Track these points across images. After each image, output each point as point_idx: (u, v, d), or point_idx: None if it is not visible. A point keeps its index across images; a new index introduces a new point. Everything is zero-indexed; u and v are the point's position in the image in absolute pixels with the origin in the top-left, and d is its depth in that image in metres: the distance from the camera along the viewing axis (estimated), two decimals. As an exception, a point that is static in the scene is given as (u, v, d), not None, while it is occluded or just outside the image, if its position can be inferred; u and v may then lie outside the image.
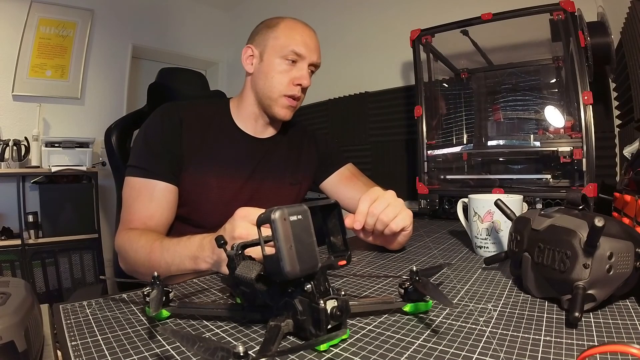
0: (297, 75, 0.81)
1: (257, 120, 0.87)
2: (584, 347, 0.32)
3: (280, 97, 0.81)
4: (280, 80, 0.80)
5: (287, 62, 0.80)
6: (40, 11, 2.30)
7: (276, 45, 0.80)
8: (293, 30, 0.81)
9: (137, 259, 0.66)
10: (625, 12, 1.03)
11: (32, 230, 2.11)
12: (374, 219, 0.63)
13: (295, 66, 0.81)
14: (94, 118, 2.48)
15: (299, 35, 0.81)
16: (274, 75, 0.81)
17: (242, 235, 0.51)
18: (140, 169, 0.75)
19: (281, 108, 0.83)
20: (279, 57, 0.80)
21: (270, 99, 0.82)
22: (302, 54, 0.80)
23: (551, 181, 1.06)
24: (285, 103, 0.82)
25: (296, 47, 0.79)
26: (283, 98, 0.81)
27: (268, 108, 0.84)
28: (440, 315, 0.40)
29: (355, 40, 2.15)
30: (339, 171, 0.98)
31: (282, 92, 0.81)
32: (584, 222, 0.41)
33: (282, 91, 0.81)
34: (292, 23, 0.83)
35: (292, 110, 0.84)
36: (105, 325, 0.39)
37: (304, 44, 0.80)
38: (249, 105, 0.86)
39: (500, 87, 1.27)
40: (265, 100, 0.83)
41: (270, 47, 0.81)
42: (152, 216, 0.74)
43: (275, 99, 0.82)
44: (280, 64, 0.80)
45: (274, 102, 0.82)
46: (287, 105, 0.82)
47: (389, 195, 0.65)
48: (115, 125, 1.05)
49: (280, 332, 0.33)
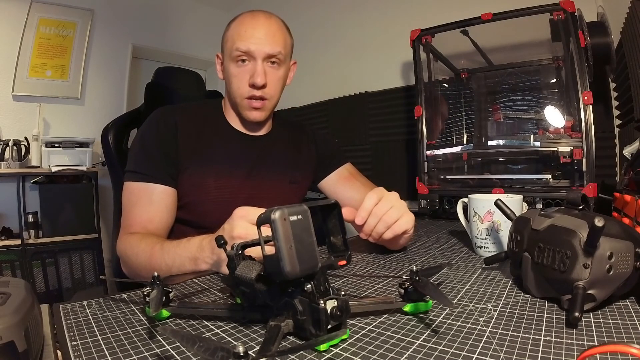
0: (250, 74, 0.77)
1: (244, 121, 0.87)
2: (584, 347, 0.32)
3: (242, 101, 0.80)
4: (238, 85, 0.78)
5: (239, 62, 0.77)
6: (40, 11, 2.30)
7: (227, 48, 0.78)
8: (239, 26, 0.77)
9: (138, 263, 0.66)
10: (625, 12, 1.03)
11: (32, 230, 2.11)
12: (377, 219, 0.62)
13: (248, 65, 0.77)
14: (93, 118, 2.47)
15: (243, 30, 0.76)
16: (232, 80, 0.79)
17: (241, 235, 0.51)
18: (138, 173, 0.75)
19: (247, 111, 0.81)
20: (231, 60, 0.77)
21: (236, 104, 0.82)
22: (249, 49, 0.75)
23: (551, 181, 1.06)
24: (248, 105, 0.80)
25: (241, 44, 0.75)
26: (245, 101, 0.80)
27: (240, 114, 0.83)
28: (440, 315, 0.40)
29: (355, 40, 2.15)
30: (338, 171, 0.98)
31: (243, 95, 0.79)
32: (584, 222, 0.41)
33: (242, 95, 0.79)
34: (240, 19, 0.78)
35: (261, 110, 0.81)
36: (105, 325, 0.39)
37: (249, 38, 0.75)
38: (230, 108, 0.86)
39: (500, 87, 1.27)
40: (234, 106, 0.83)
41: (225, 52, 0.80)
42: (151, 220, 0.74)
43: (239, 103, 0.81)
44: (233, 67, 0.78)
45: (240, 106, 0.81)
46: (251, 107, 0.80)
47: (393, 197, 0.64)
48: (112, 124, 1.06)
49: (280, 332, 0.33)
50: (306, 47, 2.17)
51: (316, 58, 2.27)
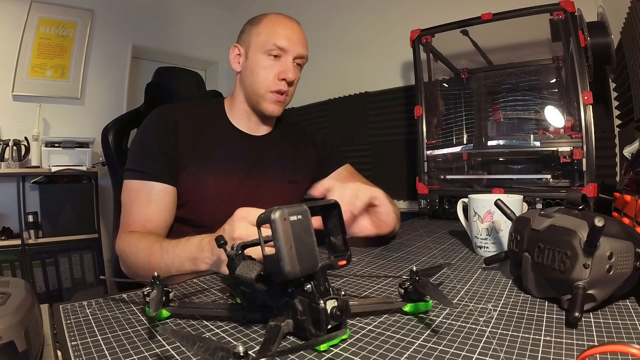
0: (281, 69, 0.80)
1: (250, 118, 0.87)
2: (584, 347, 0.32)
3: (267, 93, 0.81)
4: (266, 76, 0.80)
5: (270, 57, 0.80)
6: (40, 11, 2.30)
7: (259, 41, 0.80)
8: (275, 24, 0.81)
9: (137, 263, 0.66)
10: (625, 12, 1.03)
11: (32, 230, 2.11)
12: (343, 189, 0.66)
13: (280, 60, 0.80)
14: (93, 118, 2.47)
15: (281, 29, 0.80)
16: (259, 71, 0.80)
17: (241, 235, 0.51)
18: (137, 171, 0.75)
19: (269, 104, 0.82)
20: (262, 53, 0.80)
21: (257, 95, 0.82)
22: (285, 47, 0.79)
23: (551, 181, 1.06)
24: (272, 98, 0.82)
25: (278, 40, 0.79)
26: (269, 94, 0.81)
27: (256, 105, 0.84)
28: (440, 315, 0.40)
29: (355, 40, 2.15)
30: (337, 171, 0.98)
31: (268, 87, 0.81)
32: (584, 222, 0.41)
33: (268, 87, 0.81)
34: (274, 17, 0.82)
35: (281, 105, 0.84)
36: (105, 325, 0.39)
37: (286, 37, 0.80)
38: (240, 104, 0.86)
39: (500, 87, 1.27)
40: (253, 97, 0.83)
41: (253, 44, 0.81)
42: (150, 218, 0.74)
43: (262, 95, 0.82)
44: (264, 60, 0.80)
45: (261, 98, 0.82)
46: (275, 100, 0.82)
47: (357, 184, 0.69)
48: (112, 124, 1.06)
49: (280, 332, 0.33)
50: (306, 47, 2.17)
51: (316, 58, 2.25)
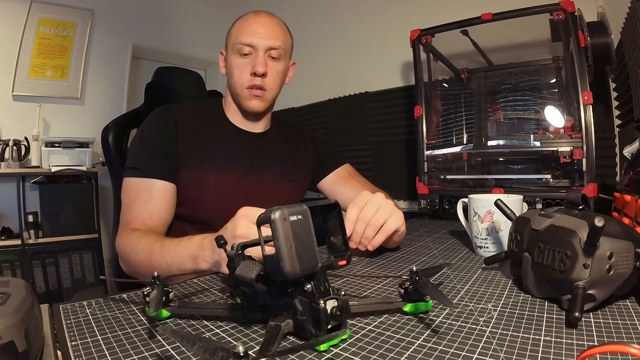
0: (252, 65, 0.81)
1: (244, 116, 0.89)
2: (584, 347, 0.32)
3: (242, 91, 0.83)
4: (240, 75, 0.82)
5: (241, 55, 0.81)
6: (40, 11, 2.30)
7: (230, 43, 0.83)
8: (243, 23, 0.82)
9: (137, 261, 0.66)
10: (625, 12, 1.03)
11: (32, 230, 2.11)
12: (364, 225, 0.62)
13: (250, 57, 0.81)
14: (94, 118, 2.47)
15: (247, 25, 0.81)
16: (233, 71, 0.82)
17: (243, 234, 0.51)
18: (137, 169, 0.76)
19: (248, 100, 0.83)
20: (234, 53, 0.82)
21: (237, 95, 0.84)
22: (251, 43, 0.80)
23: (551, 181, 1.06)
24: (248, 94, 0.83)
25: (243, 38, 0.80)
26: (245, 90, 0.83)
27: (239, 104, 0.86)
28: (440, 315, 0.40)
29: (355, 40, 2.15)
30: (337, 171, 0.99)
31: (243, 85, 0.82)
32: (584, 222, 0.41)
33: (242, 84, 0.82)
34: (245, 16, 0.83)
35: (261, 100, 0.84)
36: (105, 325, 0.39)
37: (252, 33, 0.80)
38: (231, 104, 0.88)
39: (500, 87, 1.27)
40: (235, 98, 0.85)
41: (228, 46, 0.84)
42: (151, 216, 0.74)
43: (239, 94, 0.83)
44: (236, 59, 0.82)
45: (240, 96, 0.84)
46: (252, 95, 0.83)
47: (378, 199, 0.64)
48: (112, 124, 1.06)
49: (280, 332, 0.33)
50: (306, 47, 2.17)
51: (316, 58, 2.27)
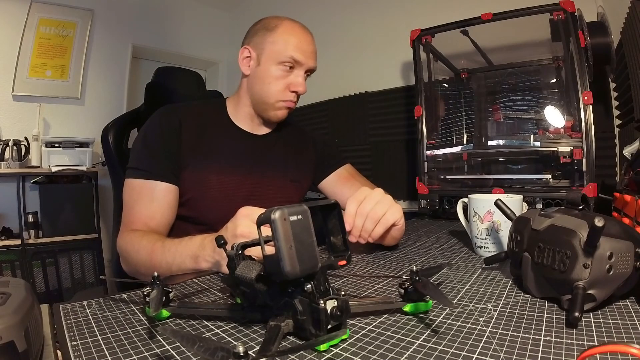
0: (293, 82, 0.80)
1: (253, 120, 0.88)
2: (584, 347, 0.32)
3: (277, 102, 0.82)
4: (277, 87, 0.80)
5: (283, 67, 0.79)
6: (40, 11, 2.30)
7: (273, 50, 0.79)
8: (291, 35, 0.79)
9: (138, 260, 0.66)
10: (625, 12, 1.03)
11: (32, 230, 2.11)
12: (363, 218, 0.63)
13: (292, 72, 0.80)
14: (94, 118, 2.47)
15: (297, 40, 0.79)
16: (270, 81, 0.80)
17: (244, 233, 0.51)
18: (140, 170, 0.76)
19: (277, 110, 0.83)
20: (276, 63, 0.79)
21: (266, 104, 0.83)
22: (300, 60, 0.79)
23: (551, 181, 1.06)
24: (281, 106, 0.83)
25: (294, 53, 0.78)
26: (280, 102, 0.82)
27: (263, 112, 0.84)
28: (440, 315, 0.40)
29: (355, 40, 2.15)
30: (337, 171, 0.99)
31: (279, 98, 0.81)
32: (584, 222, 0.41)
33: (278, 97, 0.81)
34: (290, 27, 0.81)
35: (288, 111, 0.85)
36: (105, 325, 0.39)
37: (302, 50, 0.79)
38: (245, 106, 0.86)
39: (500, 87, 1.27)
40: (260, 104, 0.84)
41: (267, 52, 0.80)
42: (153, 217, 0.74)
43: (271, 104, 0.82)
44: (277, 70, 0.79)
45: (270, 106, 0.83)
46: (284, 107, 0.83)
47: (377, 193, 0.65)
48: (112, 124, 1.06)
49: (280, 332, 0.33)
50: (306, 47, 2.17)
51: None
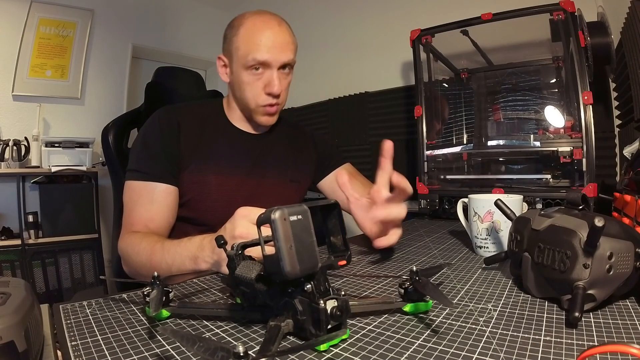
0: (266, 84, 0.77)
1: (248, 120, 0.88)
2: (584, 347, 0.32)
3: (257, 107, 0.81)
4: (252, 92, 0.78)
5: (253, 71, 0.76)
6: (40, 11, 2.30)
7: (239, 55, 0.76)
8: (253, 34, 0.75)
9: (139, 262, 0.66)
10: (625, 12, 1.03)
11: (32, 230, 2.11)
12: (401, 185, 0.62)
13: (264, 73, 0.77)
14: (94, 118, 2.47)
15: (258, 38, 0.74)
16: (244, 88, 0.79)
17: (242, 234, 0.51)
18: (140, 172, 0.76)
19: (261, 116, 0.82)
20: (244, 69, 0.76)
21: (249, 110, 0.82)
22: (265, 60, 0.75)
23: (551, 181, 1.06)
24: (263, 111, 0.81)
25: (257, 54, 0.74)
26: (260, 108, 0.81)
27: (250, 117, 0.85)
28: (440, 315, 0.40)
29: (355, 40, 2.15)
30: (337, 171, 0.99)
31: (258, 102, 0.79)
32: (584, 222, 0.41)
33: (257, 102, 0.80)
34: (251, 25, 0.76)
35: (273, 115, 0.83)
36: (105, 325, 0.39)
37: (267, 48, 0.74)
38: (236, 110, 0.87)
39: (500, 87, 1.27)
40: (246, 110, 0.84)
41: (234, 58, 0.78)
42: (153, 218, 0.74)
43: (253, 109, 0.82)
44: (247, 76, 0.77)
45: (253, 112, 0.82)
46: (266, 112, 0.81)
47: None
48: (112, 124, 1.06)
49: (280, 332, 0.33)
50: (306, 47, 2.16)
51: (316, 58, 2.27)
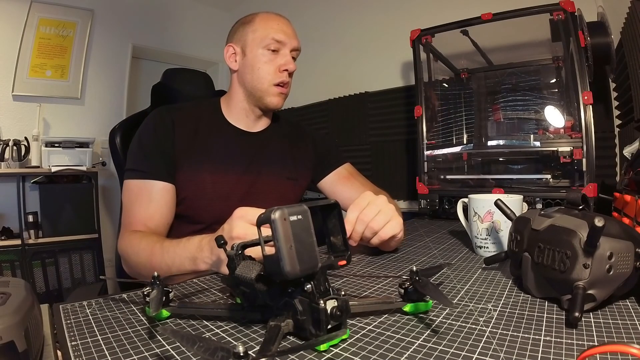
0: (282, 62, 0.83)
1: (248, 116, 0.88)
2: (584, 347, 0.32)
3: (270, 87, 0.83)
4: (268, 70, 0.82)
5: (269, 51, 0.82)
6: (40, 11, 2.30)
7: (256, 37, 0.82)
8: (269, 20, 0.83)
9: (138, 262, 0.67)
10: (625, 12, 1.03)
11: (32, 230, 2.10)
12: (364, 226, 0.62)
13: (279, 54, 0.83)
14: (94, 118, 2.47)
15: (275, 23, 0.83)
16: (260, 66, 0.82)
17: (240, 235, 0.51)
18: (137, 171, 0.76)
19: (273, 97, 0.84)
20: (261, 48, 0.82)
21: (260, 90, 0.84)
22: (283, 40, 0.82)
23: (551, 181, 1.06)
24: (275, 91, 0.84)
25: (275, 34, 0.82)
26: (273, 87, 0.83)
27: (260, 100, 0.85)
28: (440, 315, 0.40)
29: (355, 40, 2.15)
30: (337, 170, 0.99)
31: (271, 81, 0.83)
32: (584, 222, 0.41)
33: (271, 80, 0.83)
34: (266, 15, 0.85)
35: (283, 97, 0.86)
36: (105, 325, 0.39)
37: (282, 31, 0.82)
38: (238, 102, 0.87)
39: (500, 87, 1.27)
40: (256, 92, 0.84)
41: (250, 41, 0.83)
42: (152, 217, 0.74)
43: (265, 89, 0.83)
44: (264, 54, 0.82)
45: (265, 92, 0.84)
46: (278, 92, 0.84)
47: (380, 201, 0.63)
48: (119, 126, 1.06)
49: (280, 332, 0.33)
50: (306, 47, 2.16)
51: (316, 58, 2.27)
